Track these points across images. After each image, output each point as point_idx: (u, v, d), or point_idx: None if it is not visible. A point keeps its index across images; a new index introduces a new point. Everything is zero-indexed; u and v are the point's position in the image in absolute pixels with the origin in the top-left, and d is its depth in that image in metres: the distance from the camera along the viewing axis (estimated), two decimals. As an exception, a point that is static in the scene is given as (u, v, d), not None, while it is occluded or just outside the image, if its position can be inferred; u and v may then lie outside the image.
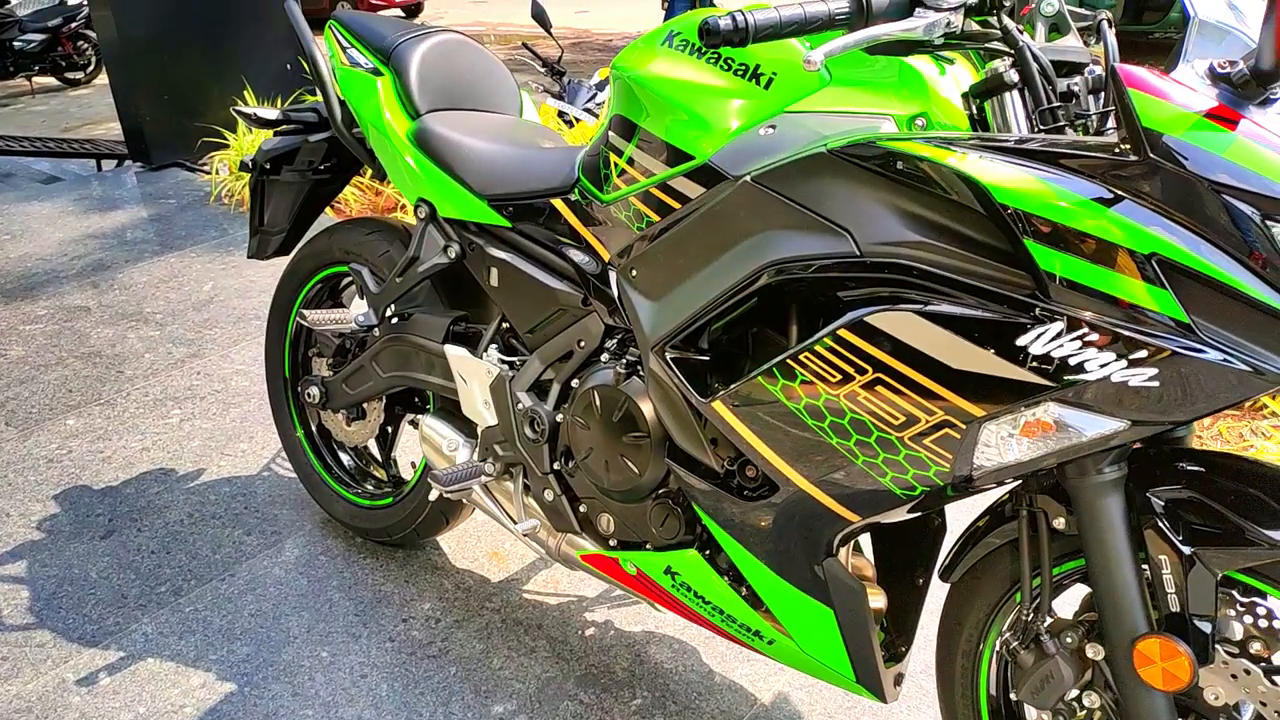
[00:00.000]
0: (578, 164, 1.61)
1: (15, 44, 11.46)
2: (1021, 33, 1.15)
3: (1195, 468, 1.17)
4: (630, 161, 1.47)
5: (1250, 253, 0.96)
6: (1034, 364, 1.04)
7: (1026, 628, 1.27)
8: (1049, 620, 1.27)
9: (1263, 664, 1.16)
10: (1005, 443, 1.10)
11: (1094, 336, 1.01)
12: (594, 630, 2.00)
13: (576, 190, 1.60)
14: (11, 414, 2.90)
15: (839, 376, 1.18)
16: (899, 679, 1.48)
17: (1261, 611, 1.16)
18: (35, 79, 11.55)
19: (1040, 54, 1.15)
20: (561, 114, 5.34)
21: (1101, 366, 1.01)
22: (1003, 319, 1.05)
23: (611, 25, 13.39)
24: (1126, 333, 0.99)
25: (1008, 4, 1.14)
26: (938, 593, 1.42)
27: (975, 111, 1.22)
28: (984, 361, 1.07)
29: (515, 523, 1.76)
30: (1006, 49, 1.17)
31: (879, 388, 1.15)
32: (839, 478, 1.24)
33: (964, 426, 1.11)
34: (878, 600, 1.49)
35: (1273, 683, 1.14)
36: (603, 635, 1.98)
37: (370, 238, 2.03)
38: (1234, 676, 1.15)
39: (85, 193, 5.13)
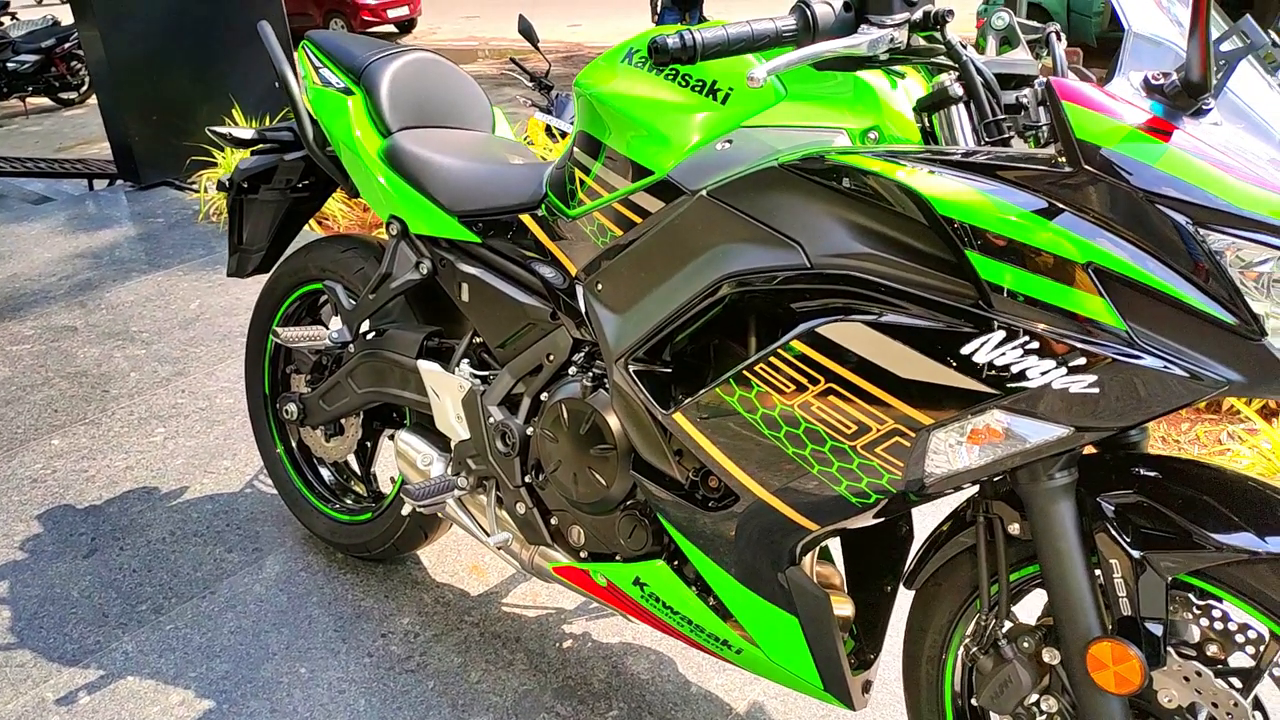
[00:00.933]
0: (545, 180, 1.63)
1: (9, 65, 11.53)
2: (965, 47, 1.17)
3: (1146, 472, 1.19)
4: (594, 177, 1.49)
5: (1184, 261, 0.98)
6: (978, 372, 1.06)
7: (986, 633, 1.29)
8: (1008, 625, 1.28)
9: (1219, 666, 1.17)
10: (954, 450, 1.12)
11: (1034, 345, 1.03)
12: (571, 642, 2.01)
13: (544, 206, 1.62)
14: (-4, 434, 2.92)
15: (793, 387, 1.20)
16: (867, 686, 1.49)
17: (1217, 614, 1.17)
18: (29, 99, 11.63)
19: (984, 68, 1.17)
20: (549, 128, 5.37)
21: (1042, 374, 1.03)
22: (947, 329, 1.07)
23: (604, 38, 13.46)
24: (1066, 340, 1.01)
25: (950, 20, 1.16)
26: (908, 600, 1.43)
27: (926, 124, 1.24)
28: (930, 371, 1.09)
29: (488, 535, 1.77)
30: (951, 63, 1.19)
31: (831, 397, 1.17)
32: (796, 487, 1.26)
33: (913, 435, 1.13)
34: (845, 608, 1.50)
35: (1227, 683, 1.15)
36: (580, 647, 1.99)
37: (345, 255, 2.05)
38: (1186, 679, 1.16)
39: (75, 212, 5.15)
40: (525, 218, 1.65)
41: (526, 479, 1.69)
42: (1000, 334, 1.04)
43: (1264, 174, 0.98)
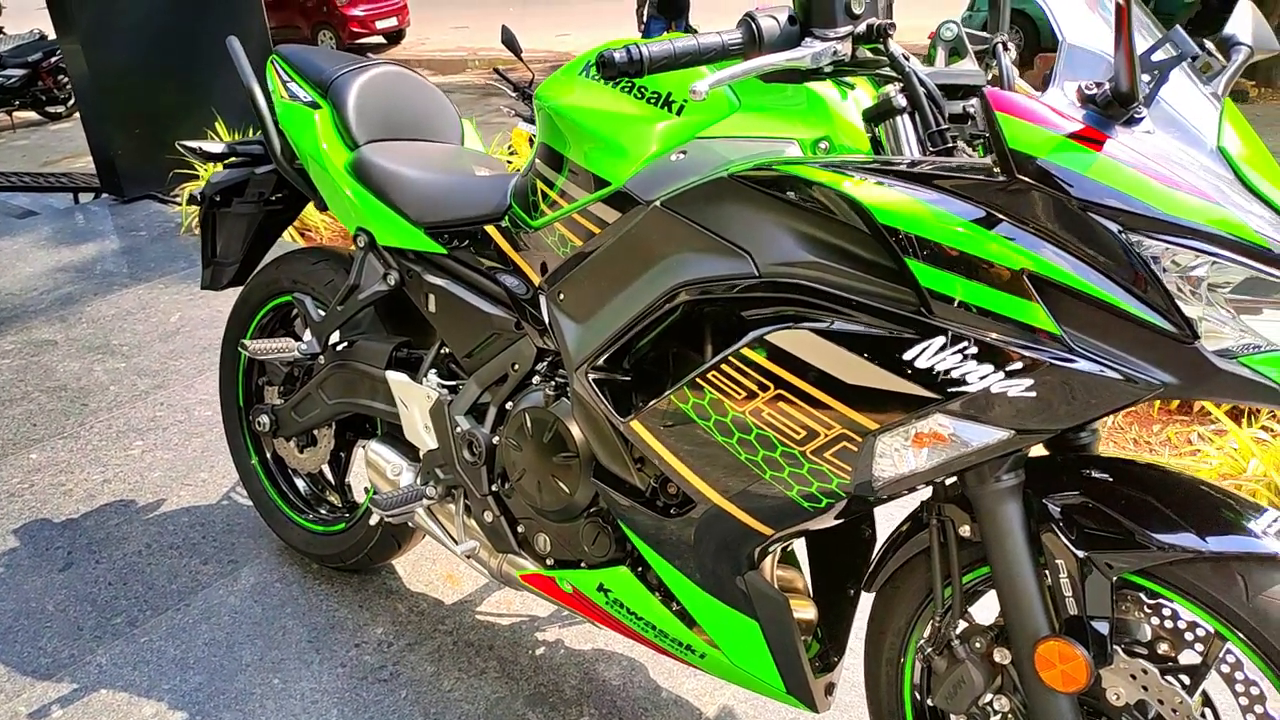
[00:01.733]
0: (509, 191, 1.65)
1: (-4, 80, 11.52)
2: (908, 59, 1.19)
3: (1092, 474, 1.21)
4: (555, 188, 1.50)
5: (1117, 267, 1.00)
6: (919, 378, 1.08)
7: (940, 634, 1.31)
8: (961, 626, 1.30)
9: (1169, 664, 1.19)
10: (900, 454, 1.14)
11: (974, 350, 1.05)
12: (544, 649, 2.02)
13: (508, 217, 1.63)
14: (-26, 449, 2.92)
15: (744, 394, 1.22)
16: (830, 688, 1.51)
17: (1167, 613, 1.19)
18: (16, 114, 11.61)
19: (927, 79, 1.19)
20: (533, 138, 5.39)
21: (981, 379, 1.05)
22: (890, 335, 1.09)
23: (591, 48, 13.48)
24: (1002, 345, 1.03)
25: (892, 33, 1.18)
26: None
27: (876, 134, 1.26)
28: (875, 376, 1.11)
29: (457, 544, 1.78)
30: (895, 75, 1.21)
31: (781, 403, 1.19)
32: (750, 492, 1.27)
33: (860, 439, 1.14)
34: (807, 612, 1.52)
35: (1177, 680, 1.17)
36: (552, 654, 2.00)
37: (316, 267, 2.07)
38: (1133, 676, 1.18)
39: (59, 226, 5.16)
40: (490, 229, 1.67)
41: (493, 488, 1.70)
42: (941, 340, 1.06)
43: (1195, 181, 1.01)
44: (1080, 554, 1.14)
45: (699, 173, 1.30)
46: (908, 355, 1.08)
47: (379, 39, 16.09)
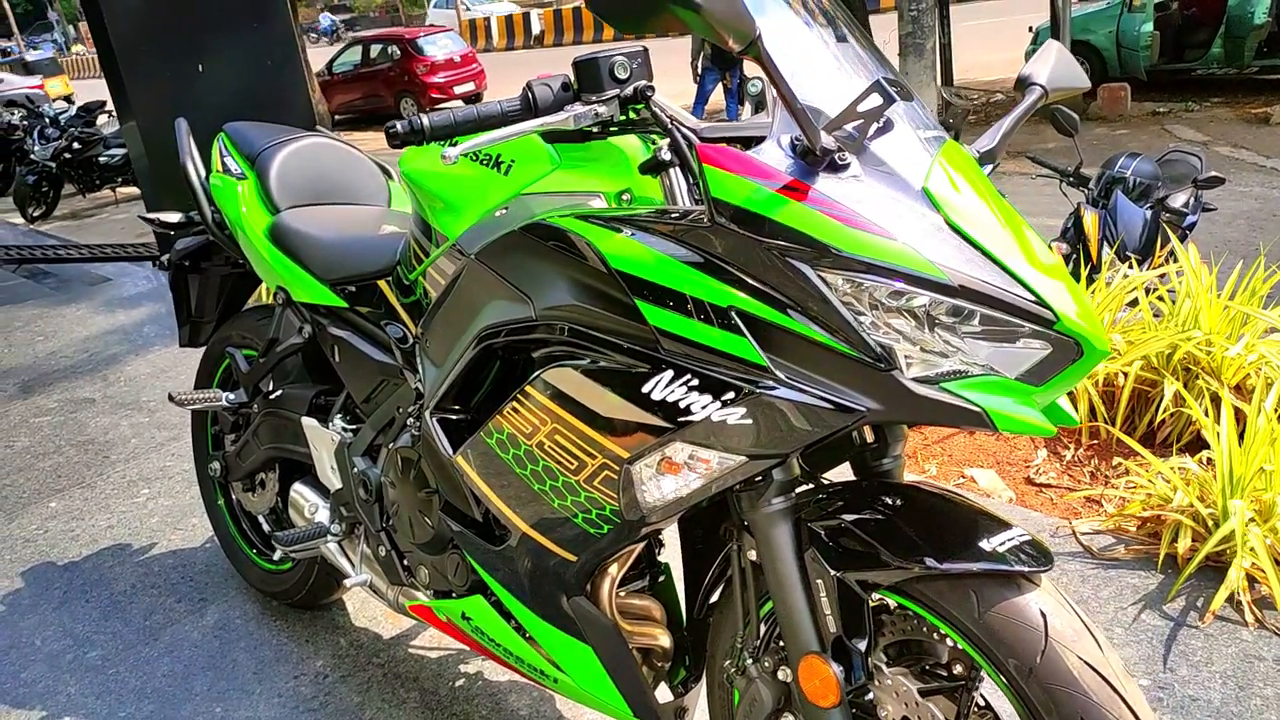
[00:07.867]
0: (400, 248, 1.80)
1: (100, 159, 12.40)
2: (673, 120, 1.28)
3: (868, 498, 1.26)
4: (422, 245, 1.65)
5: (810, 302, 1.07)
6: (656, 409, 1.16)
7: (739, 655, 1.37)
8: (756, 645, 1.36)
9: (952, 682, 1.23)
10: (655, 480, 1.22)
11: (695, 382, 1.13)
12: (463, 681, 2.11)
13: (395, 272, 1.78)
14: (3, 499, 3.19)
15: (530, 428, 1.32)
16: (681, 712, 1.57)
17: (938, 634, 1.23)
18: (119, 190, 12.48)
19: (691, 134, 1.28)
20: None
21: (703, 408, 1.13)
22: (632, 370, 1.18)
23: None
24: (716, 376, 1.11)
25: (652, 95, 1.28)
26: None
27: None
28: (622, 409, 1.20)
29: (352, 576, 1.91)
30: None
31: (557, 436, 1.29)
32: (546, 520, 1.37)
33: (618, 467, 1.23)
34: (660, 639, 1.58)
35: (948, 698, 1.22)
36: (470, 685, 2.10)
37: (260, 324, 2.24)
38: (897, 694, 1.22)
39: (120, 293, 5.57)
40: (382, 283, 1.82)
41: (384, 523, 1.83)
42: (669, 373, 1.15)
43: (886, 221, 1.07)
44: (833, 573, 1.20)
45: (512, 227, 1.41)
46: (645, 389, 1.17)
47: (458, 103, 16.76)
